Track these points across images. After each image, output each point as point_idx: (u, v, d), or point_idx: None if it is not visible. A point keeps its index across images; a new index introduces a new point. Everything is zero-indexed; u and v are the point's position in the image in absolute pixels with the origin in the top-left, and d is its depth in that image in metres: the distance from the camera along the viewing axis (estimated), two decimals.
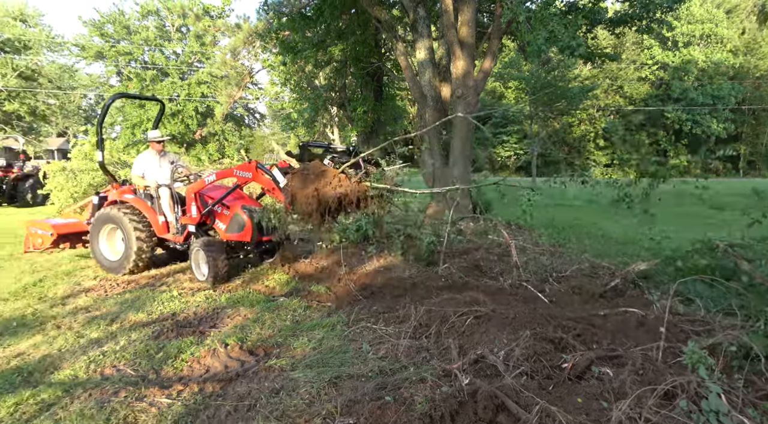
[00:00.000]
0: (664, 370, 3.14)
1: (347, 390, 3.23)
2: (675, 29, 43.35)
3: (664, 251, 6.34)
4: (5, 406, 3.37)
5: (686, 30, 44.07)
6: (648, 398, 2.75)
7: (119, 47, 35.10)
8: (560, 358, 3.40)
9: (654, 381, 2.98)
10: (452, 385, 3.07)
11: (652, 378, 3.04)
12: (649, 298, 4.85)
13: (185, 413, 3.20)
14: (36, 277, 7.06)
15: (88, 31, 35.40)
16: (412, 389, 3.08)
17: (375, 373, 3.52)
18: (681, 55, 43.73)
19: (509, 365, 3.35)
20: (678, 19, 43.41)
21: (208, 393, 3.46)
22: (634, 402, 2.73)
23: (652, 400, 2.72)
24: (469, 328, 4.12)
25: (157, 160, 7.51)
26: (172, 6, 36.30)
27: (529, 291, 5.44)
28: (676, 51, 44.29)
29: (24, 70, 36.59)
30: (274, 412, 3.04)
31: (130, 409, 3.23)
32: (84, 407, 3.28)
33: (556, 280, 5.91)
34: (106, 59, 35.53)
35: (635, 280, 5.46)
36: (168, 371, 3.93)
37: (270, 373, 3.73)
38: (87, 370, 3.95)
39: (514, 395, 2.89)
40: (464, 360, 3.46)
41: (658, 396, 2.76)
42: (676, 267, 5.38)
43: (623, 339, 3.75)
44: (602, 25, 11.40)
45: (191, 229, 7.05)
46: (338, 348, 4.15)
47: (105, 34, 35.22)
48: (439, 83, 11.30)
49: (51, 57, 39.27)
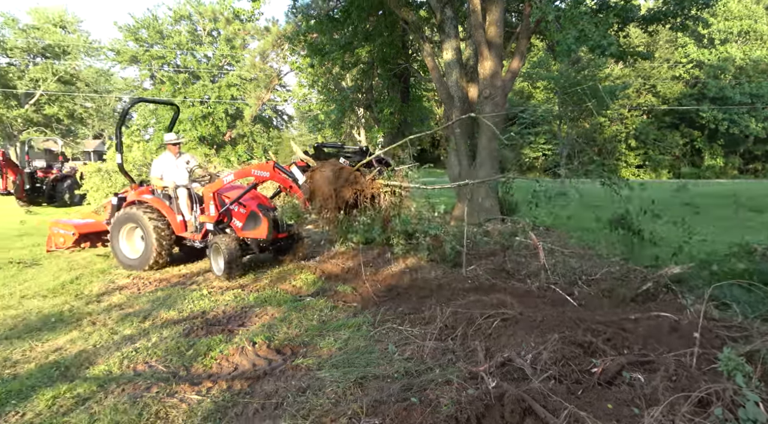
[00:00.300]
0: (699, 377, 3.05)
1: (373, 390, 3.24)
2: (711, 26, 42.03)
3: (699, 254, 6.16)
4: (44, 399, 3.49)
5: (723, 27, 42.70)
6: (681, 405, 2.68)
7: (153, 51, 35.99)
8: (590, 362, 3.33)
9: (688, 388, 2.89)
10: (478, 388, 3.04)
11: (686, 385, 2.95)
12: (682, 302, 4.71)
13: (214, 409, 3.25)
14: (73, 275, 7.30)
15: (123, 36, 36.42)
16: (438, 390, 3.07)
17: (401, 374, 3.51)
18: (717, 52, 42.38)
19: (537, 369, 3.30)
20: (714, 15, 42.10)
21: (237, 391, 3.52)
22: (666, 409, 2.65)
23: (686, 407, 2.65)
24: (496, 330, 4.07)
25: (174, 162, 7.79)
26: (204, 10, 37.04)
27: (557, 294, 5.35)
28: (713, 49, 42.94)
29: (63, 75, 37.96)
30: (300, 411, 3.07)
31: (161, 404, 3.31)
32: (117, 401, 3.37)
33: (586, 283, 5.80)
34: (140, 63, 36.46)
35: (668, 284, 5.31)
36: (198, 368, 4.01)
37: (297, 372, 3.77)
38: (120, 366, 4.06)
39: (542, 399, 2.84)
40: (491, 363, 3.43)
41: (692, 403, 2.68)
42: (711, 271, 5.22)
43: (655, 344, 3.65)
44: (635, 22, 11.14)
45: (209, 227, 7.32)
46: (364, 348, 4.16)
47: (139, 38, 36.15)
48: (466, 84, 11.23)
49: (88, 61, 40.69)
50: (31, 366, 4.11)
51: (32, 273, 7.51)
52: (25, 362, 4.21)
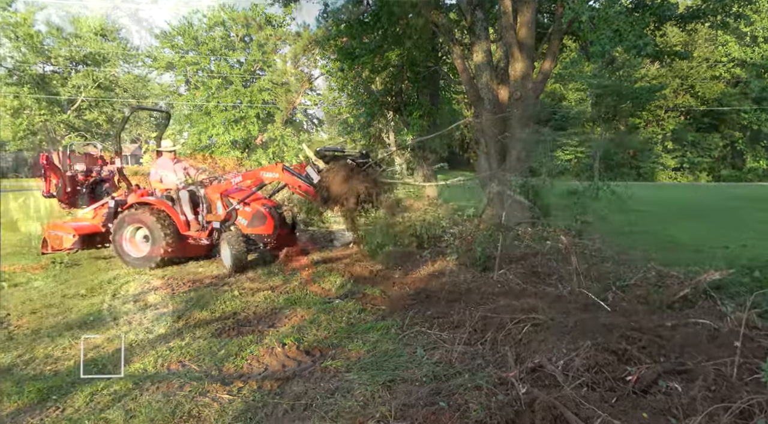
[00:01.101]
0: (740, 387, 2.93)
1: (401, 394, 3.23)
2: (754, 23, 40.54)
3: (740, 259, 5.94)
4: (82, 395, 3.61)
5: (766, 24, 41.12)
6: (721, 416, 2.58)
7: (188, 58, 36.93)
8: (624, 370, 3.25)
9: (728, 398, 2.79)
10: (508, 393, 3.00)
11: (726, 395, 2.85)
12: (722, 310, 4.55)
13: (245, 409, 3.30)
14: (110, 275, 7.55)
15: (160, 43, 37.53)
16: (467, 395, 3.04)
17: (429, 378, 3.50)
18: (761, 51, 40.82)
19: (568, 376, 3.24)
20: (758, 12, 40.55)
21: (267, 391, 3.57)
22: (705, 419, 2.57)
23: (726, 418, 2.55)
24: (526, 336, 4.02)
25: (172, 167, 8.48)
26: (237, 16, 37.78)
27: (589, 299, 5.23)
28: (755, 47, 41.39)
29: (102, 81, 39.31)
30: (329, 412, 3.09)
31: (194, 403, 3.38)
32: (152, 399, 3.46)
33: (620, 288, 5.65)
34: (175, 69, 37.48)
35: (707, 290, 5.13)
36: (229, 367, 4.08)
37: (325, 374, 3.79)
38: (155, 364, 4.16)
39: (574, 407, 2.79)
40: (521, 368, 3.38)
41: (732, 415, 2.59)
42: (753, 277, 5.02)
43: (693, 353, 3.53)
44: (672, 21, 10.83)
45: (216, 225, 7.96)
46: (392, 352, 4.16)
47: (175, 45, 37.17)
48: (496, 86, 11.12)
49: (126, 68, 42.01)
50: (71, 363, 4.26)
51: (73, 272, 7.80)
52: (65, 359, 4.36)
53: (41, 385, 3.79)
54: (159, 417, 3.23)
